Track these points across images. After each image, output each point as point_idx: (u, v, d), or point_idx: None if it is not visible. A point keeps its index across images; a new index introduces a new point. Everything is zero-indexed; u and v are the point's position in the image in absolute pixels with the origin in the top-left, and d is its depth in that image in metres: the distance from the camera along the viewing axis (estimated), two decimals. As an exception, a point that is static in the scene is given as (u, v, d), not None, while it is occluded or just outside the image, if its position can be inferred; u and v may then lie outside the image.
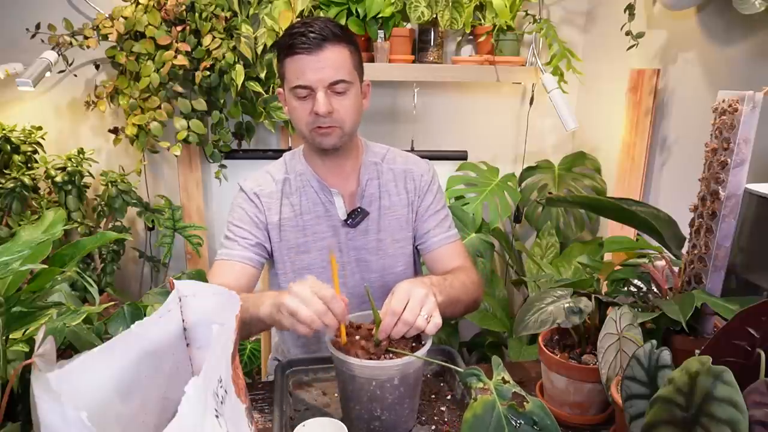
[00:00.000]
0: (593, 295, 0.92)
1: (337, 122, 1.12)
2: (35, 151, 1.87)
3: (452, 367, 0.84)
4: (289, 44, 1.09)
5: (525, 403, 0.65)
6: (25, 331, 0.66)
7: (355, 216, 1.23)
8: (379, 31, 1.94)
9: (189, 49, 1.81)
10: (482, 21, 2.00)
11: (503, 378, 0.68)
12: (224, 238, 1.22)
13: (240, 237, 1.20)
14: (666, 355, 0.69)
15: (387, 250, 1.26)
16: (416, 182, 1.28)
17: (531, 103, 2.16)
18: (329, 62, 1.08)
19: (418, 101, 2.13)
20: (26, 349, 0.64)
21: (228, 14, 1.85)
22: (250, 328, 1.02)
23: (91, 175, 1.93)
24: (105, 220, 1.97)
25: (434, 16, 1.92)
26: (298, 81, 1.09)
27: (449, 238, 1.28)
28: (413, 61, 2.02)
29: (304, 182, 1.24)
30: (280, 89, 1.19)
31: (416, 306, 0.87)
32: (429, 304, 0.89)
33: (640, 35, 1.67)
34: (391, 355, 0.87)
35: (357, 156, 1.26)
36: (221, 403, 0.55)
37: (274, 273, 1.28)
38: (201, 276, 0.74)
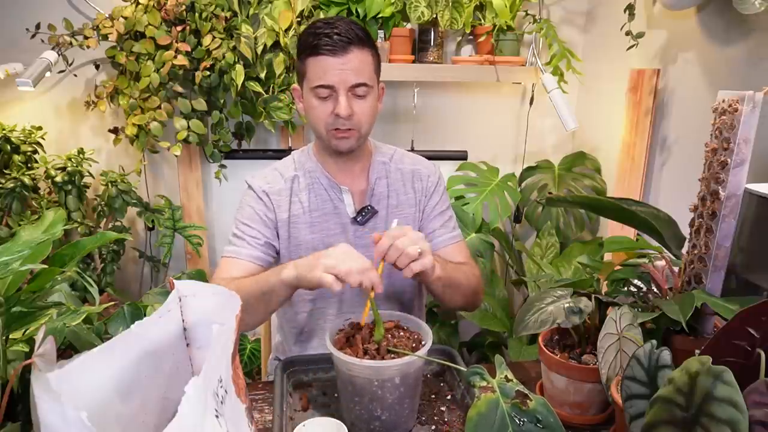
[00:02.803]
0: (593, 295, 0.92)
1: (356, 125, 1.14)
2: (35, 151, 1.87)
3: (453, 365, 0.84)
4: (313, 44, 1.09)
5: (528, 401, 0.65)
6: (25, 331, 0.66)
7: (365, 214, 1.23)
8: (379, 31, 1.94)
9: (189, 49, 1.81)
10: (482, 21, 2.00)
11: (506, 376, 0.68)
12: (232, 235, 1.22)
13: (249, 236, 1.20)
14: (666, 355, 0.69)
15: None
16: (424, 182, 1.29)
17: (531, 103, 2.16)
18: (353, 65, 1.09)
19: (418, 101, 2.13)
20: (26, 349, 0.64)
21: (228, 14, 1.85)
22: (268, 299, 1.05)
23: (91, 175, 1.93)
24: (105, 220, 1.97)
25: (434, 16, 1.92)
26: (321, 81, 1.10)
27: (453, 238, 1.29)
28: (413, 61, 2.01)
29: (313, 179, 1.25)
30: (296, 86, 1.20)
31: (412, 238, 0.95)
32: (424, 244, 0.96)
33: (640, 35, 1.67)
34: (391, 355, 0.87)
35: (367, 157, 1.28)
36: (221, 403, 0.55)
37: None
38: (201, 276, 0.75)
